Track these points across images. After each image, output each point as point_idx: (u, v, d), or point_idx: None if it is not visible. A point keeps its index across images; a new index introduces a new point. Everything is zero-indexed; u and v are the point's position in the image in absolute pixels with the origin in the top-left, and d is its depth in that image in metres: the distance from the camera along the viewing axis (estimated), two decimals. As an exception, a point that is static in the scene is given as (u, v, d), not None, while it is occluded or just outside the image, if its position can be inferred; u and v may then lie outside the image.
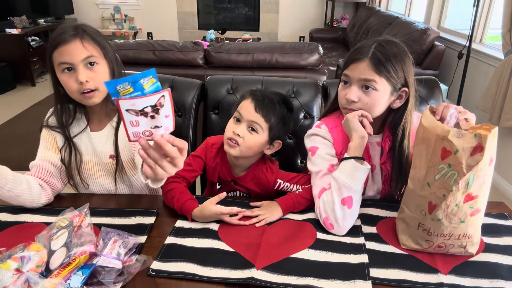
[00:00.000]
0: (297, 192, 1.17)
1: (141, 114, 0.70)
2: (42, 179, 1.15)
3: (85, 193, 1.26)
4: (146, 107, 0.70)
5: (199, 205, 1.06)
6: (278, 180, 1.21)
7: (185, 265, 0.89)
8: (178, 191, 1.11)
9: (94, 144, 1.22)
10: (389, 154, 1.13)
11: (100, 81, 1.11)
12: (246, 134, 1.13)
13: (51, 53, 1.09)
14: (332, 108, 1.21)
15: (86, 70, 1.09)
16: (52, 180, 1.18)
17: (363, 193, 1.17)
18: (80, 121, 1.23)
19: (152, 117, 0.71)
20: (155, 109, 0.70)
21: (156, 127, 0.73)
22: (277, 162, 1.27)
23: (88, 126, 1.23)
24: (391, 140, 1.12)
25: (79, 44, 1.07)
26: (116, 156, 1.20)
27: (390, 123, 1.13)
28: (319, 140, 1.15)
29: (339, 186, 1.02)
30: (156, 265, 0.89)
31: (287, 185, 1.21)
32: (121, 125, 1.18)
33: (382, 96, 1.05)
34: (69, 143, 1.21)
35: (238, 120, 1.16)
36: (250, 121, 1.13)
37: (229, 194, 1.26)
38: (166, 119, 0.73)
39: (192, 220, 1.05)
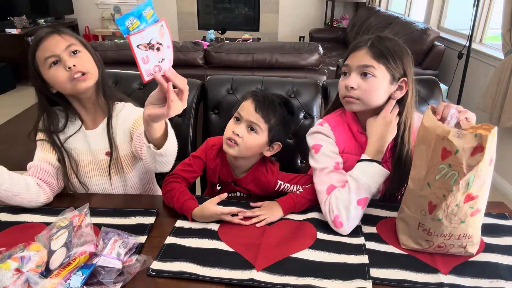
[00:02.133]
0: (297, 192, 1.17)
1: (149, 48, 0.78)
2: (40, 179, 1.15)
3: (85, 193, 1.26)
4: (152, 39, 0.77)
5: (199, 205, 1.06)
6: (278, 181, 1.21)
7: (185, 265, 0.89)
8: (178, 191, 1.11)
9: (90, 142, 1.23)
10: (390, 152, 1.13)
11: (87, 65, 1.14)
12: (245, 134, 1.13)
13: (34, 54, 1.12)
14: (334, 106, 1.22)
15: (71, 57, 1.12)
16: (50, 180, 1.17)
17: None
18: (74, 122, 1.23)
19: (158, 49, 0.79)
20: (159, 41, 0.78)
21: (163, 60, 0.80)
22: (277, 164, 1.27)
23: (82, 125, 1.23)
24: (392, 139, 1.12)
25: (57, 37, 1.12)
26: (111, 151, 1.21)
27: None
28: (322, 138, 1.15)
29: (358, 186, 1.02)
30: (156, 265, 0.89)
31: (287, 186, 1.21)
32: (114, 121, 1.21)
33: (381, 83, 1.06)
34: (61, 150, 1.20)
35: (238, 120, 1.16)
36: (249, 121, 1.13)
37: (230, 195, 1.26)
38: (168, 50, 0.80)
39: (192, 220, 1.05)
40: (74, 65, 1.10)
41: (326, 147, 1.13)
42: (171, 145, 1.00)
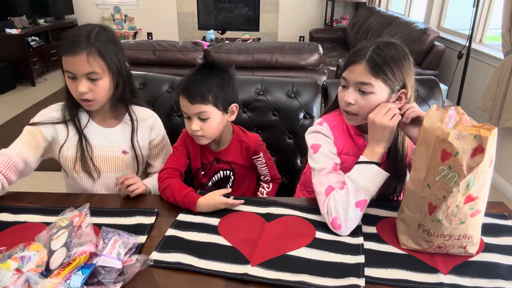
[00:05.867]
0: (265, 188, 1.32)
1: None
2: (1, 172, 1.13)
3: (85, 193, 1.27)
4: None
5: (202, 195, 1.10)
6: (261, 153, 1.31)
7: (182, 256, 0.91)
8: (176, 185, 1.13)
9: (108, 138, 1.27)
10: (386, 155, 1.13)
11: (98, 94, 1.17)
12: (202, 125, 1.16)
13: (61, 56, 1.14)
14: (333, 106, 1.21)
15: (87, 82, 1.14)
16: (11, 174, 1.15)
17: None
18: (82, 115, 1.27)
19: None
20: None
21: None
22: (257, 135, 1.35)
23: (91, 121, 1.27)
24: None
25: (84, 58, 1.11)
26: (132, 151, 1.29)
27: None
28: (321, 138, 1.14)
29: (357, 188, 1.01)
30: (155, 255, 0.91)
31: (263, 163, 1.32)
32: (140, 128, 1.30)
33: (379, 98, 1.04)
34: (80, 134, 1.24)
35: (188, 118, 1.18)
36: (195, 114, 1.15)
37: (214, 178, 1.32)
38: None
39: (196, 212, 1.08)
40: (85, 92, 1.13)
41: (325, 147, 1.12)
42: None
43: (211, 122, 1.16)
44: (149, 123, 1.32)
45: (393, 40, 1.08)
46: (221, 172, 1.30)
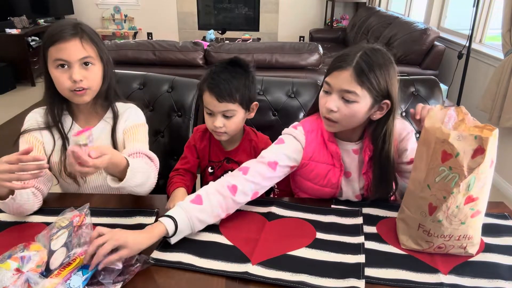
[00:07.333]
0: None
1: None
2: (34, 187, 1.10)
3: (85, 193, 1.26)
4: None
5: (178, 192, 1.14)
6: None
7: (183, 256, 0.91)
8: (174, 179, 1.19)
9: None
10: (369, 163, 1.12)
11: (92, 81, 1.13)
12: (225, 122, 1.17)
13: (47, 48, 1.09)
14: (313, 109, 1.19)
15: (81, 69, 1.11)
16: (40, 186, 1.13)
17: (341, 195, 1.17)
18: (65, 118, 1.23)
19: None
20: None
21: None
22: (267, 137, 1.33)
23: (75, 124, 1.23)
24: (372, 150, 1.10)
25: (78, 43, 1.09)
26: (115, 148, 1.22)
27: (371, 133, 1.09)
28: (290, 139, 1.13)
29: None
30: (156, 254, 0.91)
31: None
32: (118, 123, 1.24)
33: (362, 108, 1.01)
34: (64, 139, 1.20)
35: (211, 114, 1.18)
36: (221, 112, 1.16)
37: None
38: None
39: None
40: (80, 80, 1.09)
41: (286, 147, 1.12)
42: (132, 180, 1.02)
43: (234, 119, 1.17)
44: (125, 115, 1.26)
45: (379, 46, 1.05)
46: (229, 172, 1.30)
